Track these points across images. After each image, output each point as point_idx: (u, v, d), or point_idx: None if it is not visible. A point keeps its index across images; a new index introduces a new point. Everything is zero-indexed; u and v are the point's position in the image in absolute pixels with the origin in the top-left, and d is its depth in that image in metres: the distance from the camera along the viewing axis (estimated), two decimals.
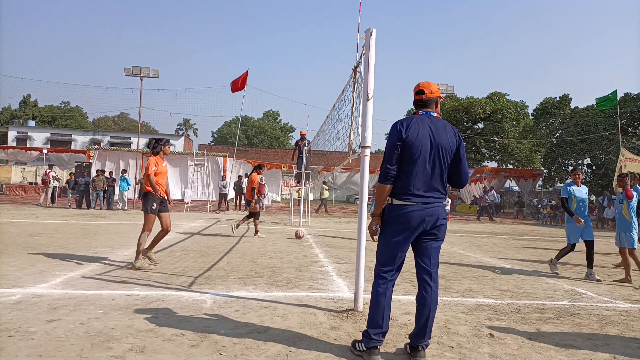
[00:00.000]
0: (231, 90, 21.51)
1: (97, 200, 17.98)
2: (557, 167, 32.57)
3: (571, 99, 34.58)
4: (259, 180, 10.37)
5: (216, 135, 68.40)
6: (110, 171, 20.45)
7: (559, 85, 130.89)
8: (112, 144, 46.96)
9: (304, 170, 14.44)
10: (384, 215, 3.05)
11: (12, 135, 48.63)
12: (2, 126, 51.44)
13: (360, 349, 3.01)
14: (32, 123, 54.65)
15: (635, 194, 6.55)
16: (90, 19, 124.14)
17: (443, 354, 3.17)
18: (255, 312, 4.00)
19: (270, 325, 3.66)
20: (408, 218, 2.94)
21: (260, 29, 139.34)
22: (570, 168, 32.94)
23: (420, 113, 3.09)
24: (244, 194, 20.70)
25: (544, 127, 35.62)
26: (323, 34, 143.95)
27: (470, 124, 41.84)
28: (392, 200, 3.00)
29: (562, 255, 6.86)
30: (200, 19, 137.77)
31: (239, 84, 21.22)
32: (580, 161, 31.48)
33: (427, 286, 3.02)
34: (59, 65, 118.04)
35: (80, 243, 7.98)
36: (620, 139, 20.63)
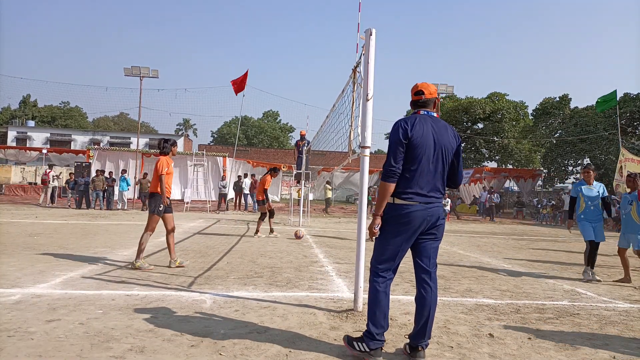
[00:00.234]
0: (235, 92, 21.48)
1: (97, 200, 17.97)
2: (557, 167, 32.61)
3: (571, 99, 34.66)
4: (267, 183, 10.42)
5: (216, 136, 68.37)
6: (110, 171, 20.44)
7: (558, 86, 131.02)
8: (112, 144, 46.95)
9: (303, 171, 14.44)
10: (384, 215, 3.01)
11: (12, 135, 48.62)
12: (2, 126, 51.41)
13: (362, 349, 2.97)
14: (32, 123, 54.63)
15: None
16: (90, 19, 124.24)
17: (443, 354, 3.17)
18: (255, 312, 4.00)
19: (270, 325, 3.66)
20: (411, 218, 2.93)
21: (260, 29, 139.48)
22: (570, 168, 33.02)
23: (421, 113, 3.09)
24: (251, 195, 20.77)
25: (544, 127, 35.66)
26: (323, 34, 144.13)
27: (470, 124, 41.88)
28: (394, 199, 2.97)
29: (591, 259, 6.39)
30: (200, 19, 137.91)
31: (240, 84, 21.23)
32: (580, 161, 31.51)
33: (427, 286, 3.02)
34: (58, 65, 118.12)
35: (79, 243, 7.98)
36: (619, 139, 20.64)
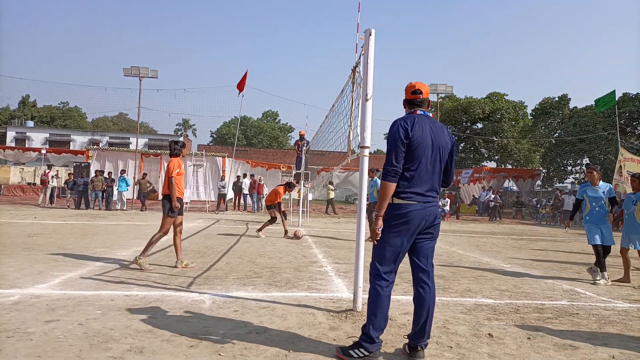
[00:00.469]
0: (238, 93, 21.48)
1: (96, 200, 17.96)
2: (556, 167, 32.64)
3: (570, 99, 34.70)
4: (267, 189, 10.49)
5: (215, 136, 68.34)
6: (109, 171, 20.43)
7: (558, 86, 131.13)
8: (111, 144, 46.90)
9: (303, 171, 14.44)
10: (384, 215, 3.00)
11: (11, 135, 48.56)
12: (1, 127, 51.34)
13: (361, 355, 2.94)
14: (31, 123, 54.55)
15: None
16: (90, 19, 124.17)
17: (442, 354, 3.17)
18: (254, 313, 4.00)
19: (269, 325, 3.65)
20: (411, 217, 2.93)
21: (259, 29, 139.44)
22: (569, 168, 33.06)
23: (418, 112, 3.10)
24: (250, 195, 20.78)
25: (543, 127, 35.70)
26: (322, 34, 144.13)
27: (469, 124, 41.93)
28: (394, 199, 2.97)
29: (599, 263, 6.23)
30: (199, 19, 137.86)
31: (239, 85, 21.23)
32: (579, 161, 31.54)
33: (425, 285, 3.02)
34: (58, 66, 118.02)
35: (78, 243, 7.97)
36: (618, 139, 20.65)
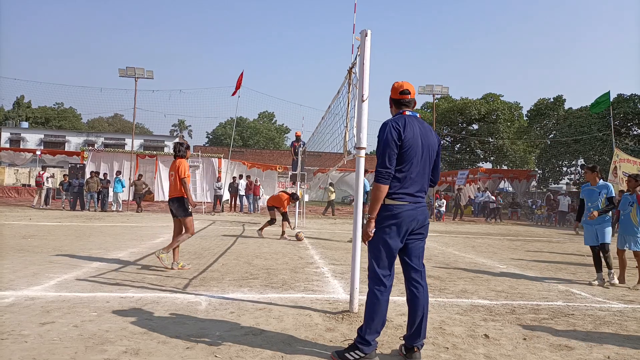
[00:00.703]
0: (232, 94, 21.45)
1: (91, 202, 17.88)
2: (551, 168, 32.78)
3: (565, 100, 34.83)
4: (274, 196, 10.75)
5: (211, 137, 68.20)
6: (104, 173, 20.33)
7: (553, 87, 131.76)
8: (106, 145, 46.72)
9: (299, 172, 14.43)
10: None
11: (5, 136, 48.26)
12: None
13: (357, 356, 2.94)
14: (26, 124, 54.24)
15: None
16: (86, 19, 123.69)
17: (438, 355, 3.17)
18: (251, 314, 3.99)
19: (266, 327, 3.65)
20: (403, 218, 2.94)
21: (255, 30, 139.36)
22: (564, 169, 33.23)
23: (407, 113, 3.10)
24: (246, 196, 20.74)
25: (538, 128, 35.85)
26: (318, 35, 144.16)
27: (465, 125, 42.10)
28: (385, 200, 2.97)
29: (595, 264, 6.25)
30: (195, 20, 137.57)
31: (237, 86, 21.20)
32: (574, 162, 31.69)
33: (419, 285, 3.04)
34: (53, 66, 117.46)
35: (74, 245, 7.93)
36: (613, 140, 20.77)
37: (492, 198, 22.77)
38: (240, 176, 21.77)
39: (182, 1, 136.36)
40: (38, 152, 25.80)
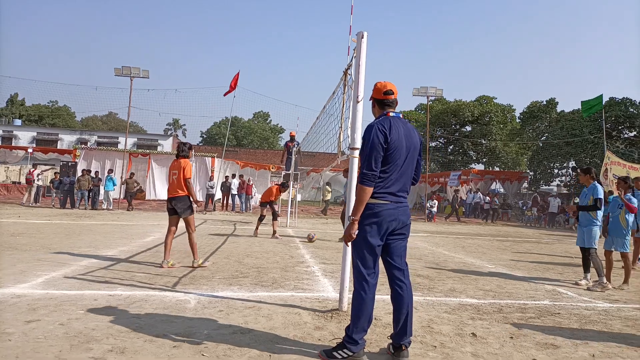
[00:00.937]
0: (224, 94, 21.40)
1: (82, 200, 17.74)
2: (543, 170, 32.97)
3: (557, 103, 35.05)
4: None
5: (205, 136, 67.96)
6: (96, 171, 20.19)
7: (545, 90, 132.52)
8: (100, 144, 46.34)
9: (292, 172, 14.43)
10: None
11: None
12: None
13: (345, 355, 2.95)
14: (19, 122, 53.73)
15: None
16: (82, 18, 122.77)
17: (426, 353, 3.19)
18: (240, 313, 3.99)
19: (254, 325, 3.64)
20: (384, 217, 2.97)
21: (251, 30, 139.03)
22: (555, 171, 33.45)
23: (391, 114, 3.12)
24: (239, 195, 20.70)
25: (531, 131, 36.07)
26: (314, 36, 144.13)
27: (458, 126, 42.26)
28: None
29: (584, 266, 6.27)
30: (191, 20, 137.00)
31: (232, 86, 21.15)
32: (565, 164, 31.91)
33: (402, 283, 3.06)
34: (48, 65, 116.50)
35: (63, 243, 7.87)
36: (605, 143, 20.97)
37: (488, 199, 22.92)
38: (233, 175, 21.73)
39: (179, 0, 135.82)
40: (30, 150, 25.56)
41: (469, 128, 42.06)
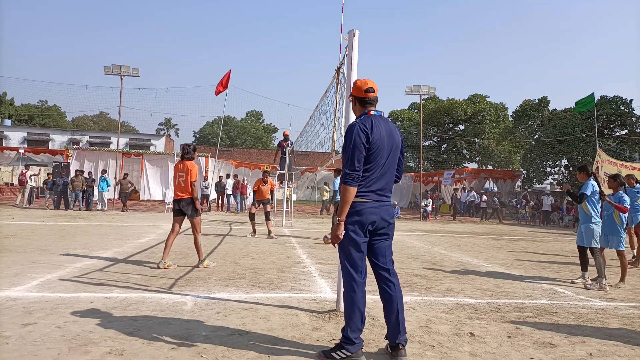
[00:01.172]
0: (215, 93, 21.35)
1: (76, 201, 17.62)
2: (536, 168, 33.21)
3: (550, 101, 35.28)
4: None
5: (198, 136, 67.68)
6: (89, 171, 20.05)
7: (538, 88, 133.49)
8: (91, 144, 46.02)
9: (286, 171, 14.42)
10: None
11: None
12: None
13: (343, 356, 2.96)
14: (9, 122, 53.18)
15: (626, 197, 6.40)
16: (70, 16, 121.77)
17: (424, 353, 3.20)
18: (237, 314, 3.98)
19: (252, 326, 3.63)
20: (366, 214, 2.98)
21: (243, 29, 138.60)
22: (548, 169, 33.72)
23: (373, 113, 3.12)
24: (234, 195, 20.67)
25: (523, 129, 36.28)
26: (306, 35, 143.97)
27: (451, 125, 42.42)
28: None
29: (582, 264, 6.30)
30: (182, 18, 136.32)
31: (222, 85, 21.07)
32: (558, 162, 32.15)
33: (389, 282, 3.08)
34: (36, 63, 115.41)
35: (57, 245, 7.81)
36: (596, 141, 21.16)
37: (485, 197, 23.05)
38: (228, 175, 21.68)
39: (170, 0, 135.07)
40: (21, 151, 25.32)
41: (462, 127, 42.24)
